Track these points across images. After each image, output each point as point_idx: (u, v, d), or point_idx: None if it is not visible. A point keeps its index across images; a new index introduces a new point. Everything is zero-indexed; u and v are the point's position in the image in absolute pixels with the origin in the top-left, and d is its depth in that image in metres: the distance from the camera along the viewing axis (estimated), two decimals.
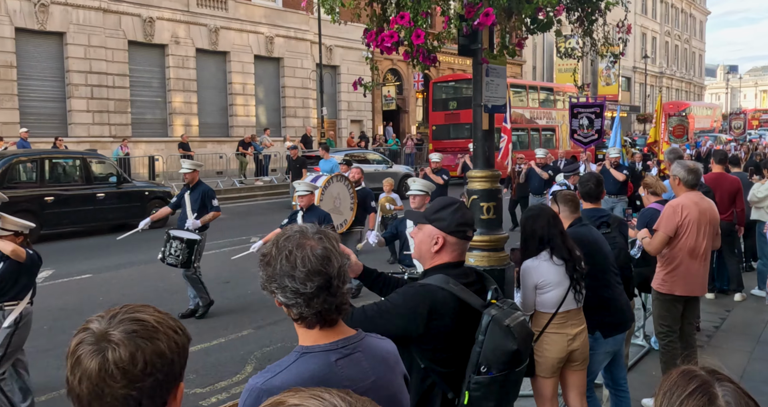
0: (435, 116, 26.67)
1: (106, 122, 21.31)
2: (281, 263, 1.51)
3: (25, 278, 4.81)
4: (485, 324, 2.15)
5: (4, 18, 18.94)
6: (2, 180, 12.49)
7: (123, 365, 1.09)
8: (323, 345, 1.57)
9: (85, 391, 1.10)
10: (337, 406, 0.83)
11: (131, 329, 1.13)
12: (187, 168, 7.86)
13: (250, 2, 25.48)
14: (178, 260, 7.31)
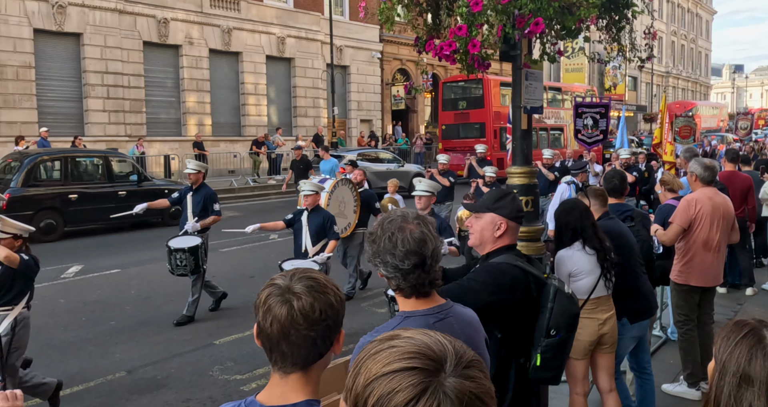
0: (444, 116, 26.95)
1: (122, 122, 21.65)
2: (384, 242, 1.80)
3: (20, 284, 4.71)
4: (553, 293, 2.48)
5: (23, 19, 19.29)
6: (28, 178, 12.83)
7: (305, 312, 1.39)
8: (422, 310, 1.86)
9: (275, 332, 1.39)
10: (441, 341, 1.04)
11: (309, 284, 1.42)
12: (192, 169, 7.77)
13: (262, 3, 25.80)
14: (186, 269, 7.29)
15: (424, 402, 0.93)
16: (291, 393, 1.44)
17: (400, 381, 0.95)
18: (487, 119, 25.31)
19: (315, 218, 6.92)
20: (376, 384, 0.97)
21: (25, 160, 12.96)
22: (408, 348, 1.00)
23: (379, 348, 1.02)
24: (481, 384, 0.98)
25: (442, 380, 0.95)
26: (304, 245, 6.91)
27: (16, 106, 19.26)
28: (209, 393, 5.45)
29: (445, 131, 26.75)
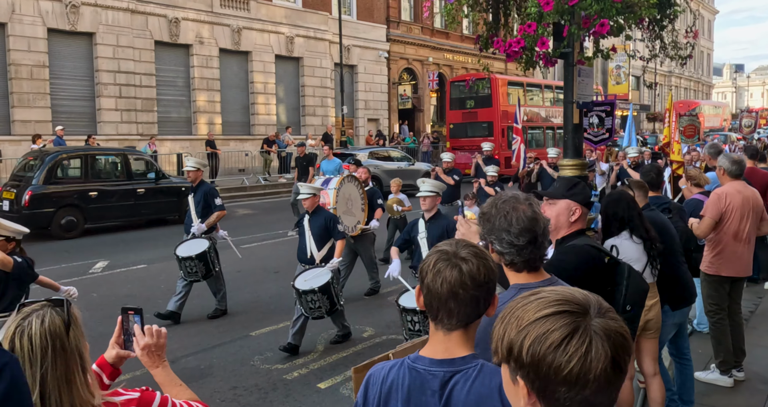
0: (452, 115, 27.11)
1: (134, 121, 21.81)
2: (499, 220, 1.98)
3: (14, 289, 4.51)
4: (627, 271, 2.65)
5: (37, 19, 19.45)
6: (49, 176, 13.00)
7: (473, 274, 1.56)
8: (534, 282, 2.03)
9: (445, 292, 1.56)
10: (581, 292, 1.16)
11: (473, 251, 1.60)
12: (191, 166, 7.58)
13: (271, 3, 25.96)
14: (198, 276, 7.21)
15: (577, 338, 1.06)
16: (455, 347, 1.60)
17: (553, 323, 1.08)
18: (495, 118, 25.48)
19: (316, 221, 6.71)
20: (530, 327, 1.10)
21: (46, 158, 13.13)
22: (554, 297, 1.14)
23: (527, 301, 1.16)
24: (622, 325, 1.12)
25: (590, 321, 1.09)
26: (309, 250, 6.66)
27: (31, 105, 19.42)
28: (254, 381, 5.62)
29: (453, 129, 26.92)
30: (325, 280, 6.33)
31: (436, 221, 6.01)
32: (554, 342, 1.06)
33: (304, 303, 6.31)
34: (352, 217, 8.36)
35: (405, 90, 31.96)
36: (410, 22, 33.10)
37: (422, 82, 33.51)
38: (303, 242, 6.72)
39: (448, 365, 1.58)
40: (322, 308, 6.34)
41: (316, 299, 6.34)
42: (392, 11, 31.74)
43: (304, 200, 6.69)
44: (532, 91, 28.09)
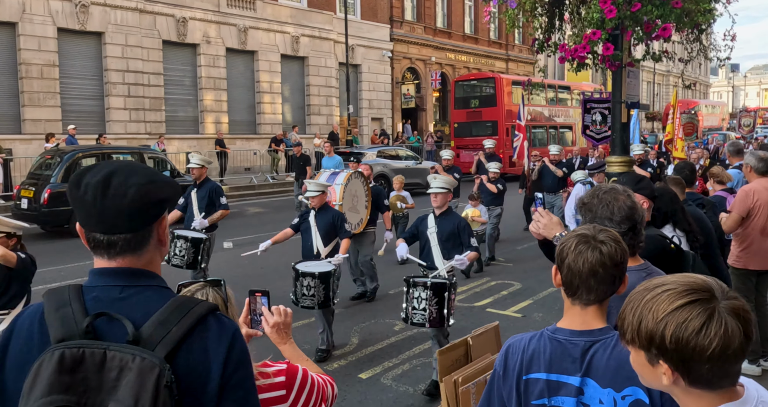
0: (456, 114, 27.32)
1: (142, 120, 21.94)
2: (602, 209, 2.18)
3: (16, 285, 4.42)
4: (692, 259, 2.85)
5: (47, 18, 19.57)
6: (68, 174, 13.13)
7: (612, 255, 1.75)
8: (634, 266, 2.23)
9: (586, 270, 1.75)
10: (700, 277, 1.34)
11: (610, 235, 1.80)
12: (196, 163, 7.50)
13: (277, 2, 26.10)
14: (183, 260, 6.86)
15: (714, 323, 1.26)
16: (592, 320, 1.79)
17: (689, 312, 1.27)
18: (500, 117, 25.69)
19: (324, 217, 6.59)
20: (668, 318, 1.29)
21: (64, 156, 13.28)
22: (682, 288, 1.33)
23: (655, 293, 1.35)
24: (743, 302, 1.32)
25: (718, 304, 1.28)
26: (315, 246, 6.54)
27: (41, 104, 19.54)
28: None
29: (457, 128, 27.12)
30: (328, 269, 6.26)
31: (447, 217, 5.85)
32: (695, 328, 1.25)
33: (298, 288, 6.18)
34: (356, 214, 8.26)
35: (408, 89, 32.14)
36: (413, 21, 33.28)
37: (425, 81, 33.69)
38: (309, 239, 6.59)
39: (587, 335, 1.77)
40: (315, 297, 6.14)
41: (312, 286, 6.19)
42: (395, 11, 31.91)
43: (313, 197, 6.57)
44: (537, 90, 28.28)
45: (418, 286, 5.14)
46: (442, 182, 5.90)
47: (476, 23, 37.81)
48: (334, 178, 8.19)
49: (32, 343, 1.34)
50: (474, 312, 7.75)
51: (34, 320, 1.37)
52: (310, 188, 6.62)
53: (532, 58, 42.55)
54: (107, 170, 1.39)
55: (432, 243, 5.78)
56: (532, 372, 1.79)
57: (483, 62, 37.93)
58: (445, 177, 6.05)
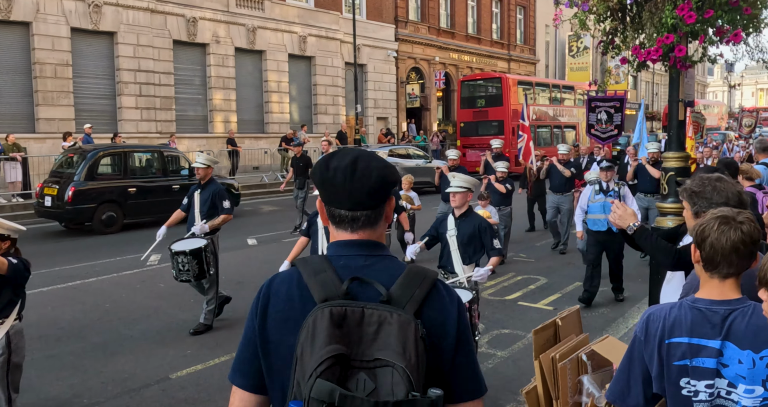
0: (463, 114, 27.56)
1: (153, 119, 22.12)
2: (717, 196, 2.51)
3: (9, 293, 4.19)
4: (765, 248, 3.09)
5: (61, 18, 19.72)
6: (91, 173, 13.33)
7: (751, 234, 1.99)
8: None
9: (728, 247, 1.98)
10: None
11: (747, 216, 2.03)
12: (201, 163, 7.12)
13: (284, 2, 26.30)
14: (190, 274, 6.68)
15: None
16: (729, 291, 2.03)
17: None
18: (506, 117, 25.94)
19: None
20: None
21: (87, 155, 13.47)
22: None
23: None
24: None
25: None
26: (320, 250, 6.15)
27: (55, 103, 19.70)
28: None
29: (463, 128, 27.37)
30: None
31: (467, 218, 5.55)
32: None
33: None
34: None
35: (413, 89, 32.37)
36: (417, 21, 33.51)
37: (429, 81, 33.93)
38: (315, 242, 6.18)
39: (726, 304, 2.01)
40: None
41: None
42: (400, 11, 32.13)
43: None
44: (540, 90, 28.57)
45: None
46: (462, 180, 5.55)
47: (479, 23, 38.07)
48: None
49: (293, 302, 1.57)
50: (506, 305, 7.98)
51: (291, 284, 1.60)
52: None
53: (533, 58, 42.91)
54: (352, 156, 1.61)
55: (451, 247, 5.49)
56: (674, 337, 2.02)
57: (485, 62, 38.19)
58: (465, 175, 5.74)
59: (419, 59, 33.58)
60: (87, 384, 5.58)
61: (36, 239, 12.54)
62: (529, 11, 42.46)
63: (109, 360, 6.17)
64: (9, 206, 15.71)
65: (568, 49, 46.25)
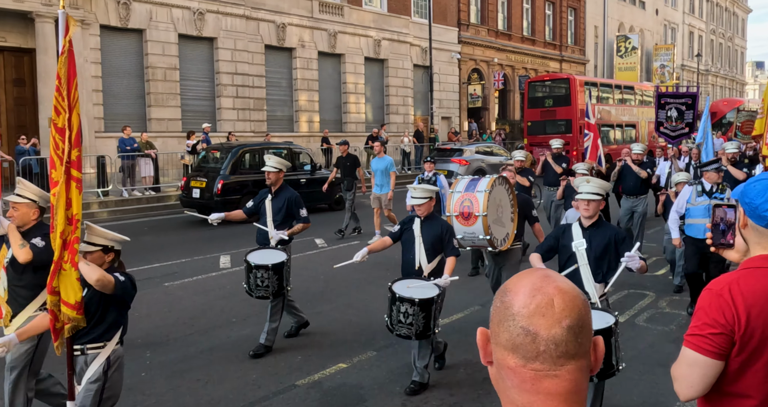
0: (530, 113, 28.67)
1: (248, 119, 23.57)
2: None
3: (115, 313, 3.84)
4: None
5: (170, 25, 21.22)
6: (235, 167, 14.75)
7: None
8: None
9: None
10: None
11: None
12: (273, 166, 6.53)
13: (361, 8, 27.64)
14: (268, 291, 6.14)
15: None
16: None
17: None
18: (574, 116, 27.01)
19: (431, 229, 5.64)
20: None
21: (231, 151, 14.88)
22: None
23: None
24: None
25: None
26: (417, 260, 5.63)
27: (164, 104, 21.20)
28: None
29: (530, 127, 28.49)
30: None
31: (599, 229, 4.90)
32: None
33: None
34: (501, 227, 6.74)
35: (475, 89, 33.56)
36: (477, 24, 34.67)
37: (488, 81, 35.08)
38: (411, 251, 5.68)
39: None
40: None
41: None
42: (462, 14, 33.33)
43: (419, 205, 5.64)
44: (603, 90, 29.59)
45: None
46: (596, 186, 4.87)
47: (533, 25, 39.16)
48: (475, 184, 6.64)
49: None
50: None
51: None
52: (416, 195, 5.67)
53: (583, 58, 43.86)
54: None
55: (580, 262, 4.77)
56: None
57: (539, 63, 39.27)
58: (599, 181, 5.10)
59: (479, 61, 34.76)
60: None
61: (180, 229, 14.01)
62: (580, 13, 43.42)
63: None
64: (145, 198, 17.22)
65: (616, 50, 47.12)
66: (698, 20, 63.63)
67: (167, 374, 5.97)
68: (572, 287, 1.19)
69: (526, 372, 1.14)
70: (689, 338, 2.02)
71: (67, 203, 3.56)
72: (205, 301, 8.48)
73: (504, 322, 1.16)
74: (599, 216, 4.93)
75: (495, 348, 1.19)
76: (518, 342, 1.14)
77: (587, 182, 4.91)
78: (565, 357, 1.13)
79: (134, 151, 17.03)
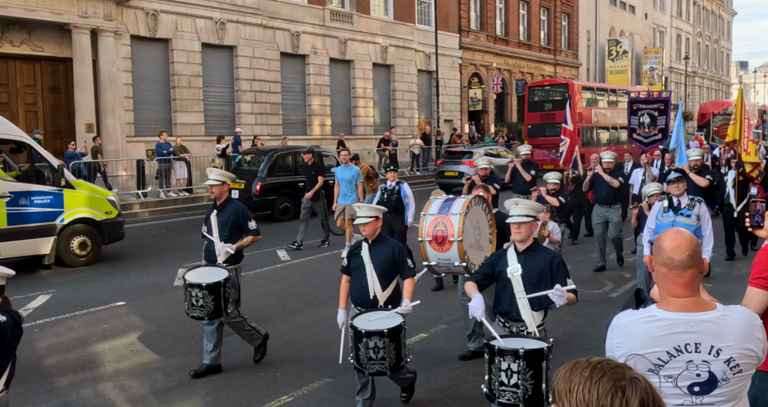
0: (530, 116, 30.07)
1: (265, 123, 24.75)
2: None
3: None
4: None
5: (194, 35, 22.37)
6: (271, 170, 15.97)
7: None
8: None
9: None
10: None
11: None
12: (215, 180, 6.11)
13: (369, 16, 28.89)
14: (203, 311, 5.71)
15: None
16: None
17: None
18: (573, 120, 28.38)
19: (381, 252, 5.13)
20: None
21: (267, 155, 16.10)
22: None
23: None
24: None
25: None
26: (371, 289, 5.09)
27: (188, 109, 22.34)
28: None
29: (530, 129, 29.87)
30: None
31: (534, 253, 4.62)
32: None
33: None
34: (479, 251, 6.06)
35: (476, 93, 34.91)
36: (477, 30, 36.03)
37: (487, 85, 36.45)
38: (362, 279, 5.13)
39: None
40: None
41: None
42: (463, 21, 34.67)
43: (364, 224, 5.09)
44: (600, 94, 31.04)
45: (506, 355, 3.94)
46: (526, 207, 4.60)
47: (529, 31, 40.60)
48: (449, 206, 5.96)
49: None
50: None
51: None
52: (361, 213, 5.11)
53: (576, 62, 45.37)
54: None
55: (515, 288, 4.53)
56: None
57: (534, 67, 40.71)
58: (530, 201, 4.77)
59: (479, 65, 36.12)
60: None
61: None
62: (573, 18, 44.92)
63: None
64: (180, 199, 18.39)
65: (607, 53, 48.68)
66: (685, 23, 65.44)
67: (284, 342, 7.01)
68: (690, 236, 2.34)
69: (669, 274, 2.30)
70: (754, 280, 3.20)
71: None
72: (285, 287, 9.57)
73: (659, 253, 2.33)
74: (534, 240, 4.64)
75: (656, 265, 2.35)
76: (667, 261, 2.30)
77: (515, 204, 4.60)
78: (687, 267, 2.27)
79: (170, 155, 18.16)
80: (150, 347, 6.95)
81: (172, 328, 7.56)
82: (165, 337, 7.27)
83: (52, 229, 10.34)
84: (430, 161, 27.99)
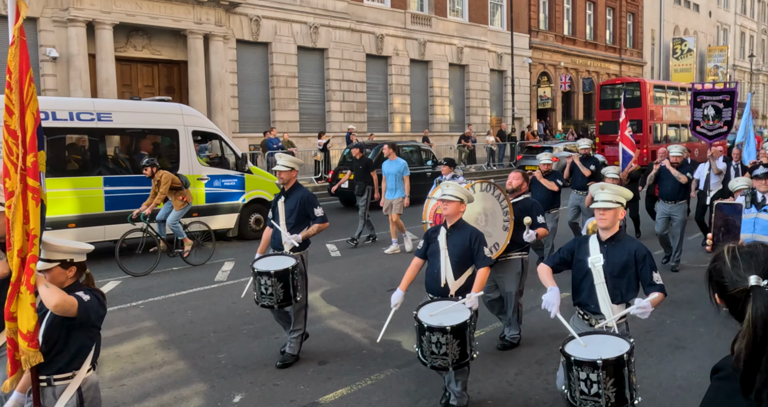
0: (602, 114, 30.91)
1: (351, 121, 26.34)
2: None
3: (80, 338, 3.26)
4: None
5: (290, 39, 24.10)
6: (378, 162, 17.45)
7: None
8: None
9: None
10: None
11: None
12: (284, 165, 6.01)
13: (446, 18, 30.25)
14: (273, 299, 5.65)
15: None
16: None
17: None
18: (644, 117, 29.21)
19: (458, 238, 4.89)
20: None
21: (374, 148, 17.60)
22: None
23: None
24: None
25: None
26: (443, 276, 4.88)
27: (285, 108, 24.08)
28: None
29: (602, 127, 30.71)
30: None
31: (618, 242, 4.29)
32: None
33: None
34: (487, 237, 5.74)
35: (545, 92, 35.91)
36: (546, 30, 37.01)
37: (555, 83, 37.39)
38: (436, 265, 4.93)
39: None
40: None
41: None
42: (533, 22, 35.72)
43: (447, 202, 4.87)
44: (672, 93, 31.70)
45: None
46: (613, 193, 4.27)
47: (595, 30, 41.33)
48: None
49: None
50: None
51: None
52: (448, 191, 4.90)
53: (641, 61, 45.83)
54: None
55: (596, 279, 4.25)
56: None
57: (600, 66, 41.43)
58: (616, 187, 4.37)
59: (547, 64, 37.10)
60: None
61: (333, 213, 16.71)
62: (638, 17, 45.39)
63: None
64: None
65: (672, 52, 48.93)
66: (750, 21, 64.81)
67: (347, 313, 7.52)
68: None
69: None
70: None
71: (25, 216, 3.07)
72: (360, 274, 9.77)
73: None
74: (620, 228, 4.32)
75: None
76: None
77: (601, 189, 4.29)
78: None
79: (279, 149, 19.86)
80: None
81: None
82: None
83: (237, 207, 12.27)
84: (505, 157, 29.17)
